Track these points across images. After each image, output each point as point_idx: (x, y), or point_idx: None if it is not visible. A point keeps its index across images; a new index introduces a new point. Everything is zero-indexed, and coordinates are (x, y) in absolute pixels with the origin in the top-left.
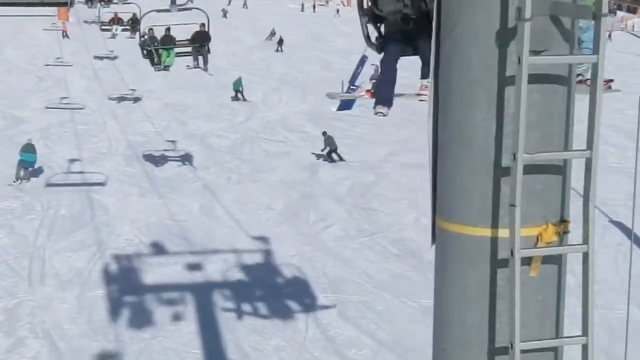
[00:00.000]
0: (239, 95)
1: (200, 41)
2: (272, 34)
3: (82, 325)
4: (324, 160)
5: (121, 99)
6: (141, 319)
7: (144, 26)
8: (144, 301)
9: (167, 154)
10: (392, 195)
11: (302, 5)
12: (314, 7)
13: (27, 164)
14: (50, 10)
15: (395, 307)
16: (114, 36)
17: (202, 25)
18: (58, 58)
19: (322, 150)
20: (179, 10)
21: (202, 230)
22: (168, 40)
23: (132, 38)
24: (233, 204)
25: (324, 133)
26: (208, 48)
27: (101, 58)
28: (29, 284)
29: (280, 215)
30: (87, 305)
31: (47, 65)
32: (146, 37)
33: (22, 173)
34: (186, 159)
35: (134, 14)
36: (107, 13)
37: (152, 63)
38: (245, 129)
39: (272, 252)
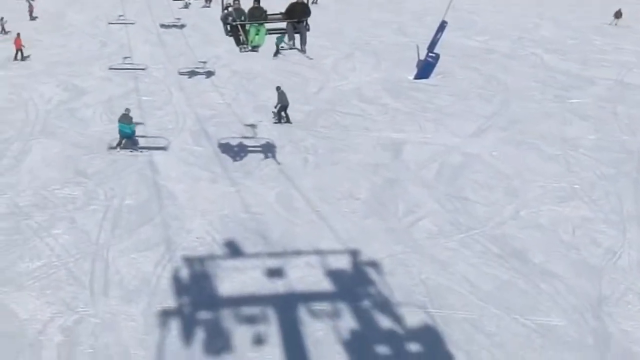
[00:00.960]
0: (279, 53)
1: (299, 16)
2: None
3: (151, 349)
4: (274, 119)
5: (192, 73)
6: (218, 342)
7: None
8: (221, 318)
9: (242, 140)
10: (485, 181)
11: None
12: None
13: (125, 135)
14: None
15: (506, 326)
16: (186, 5)
17: None
18: (121, 16)
19: (275, 107)
20: None
21: (280, 225)
22: (258, 14)
23: (207, 7)
24: (312, 191)
25: (278, 88)
26: (307, 24)
27: (167, 26)
28: (90, 295)
29: (365, 206)
30: (156, 322)
31: (110, 23)
32: (230, 9)
33: (122, 142)
34: (259, 137)
35: None
36: None
37: (237, 42)
38: (319, 100)
39: (360, 254)
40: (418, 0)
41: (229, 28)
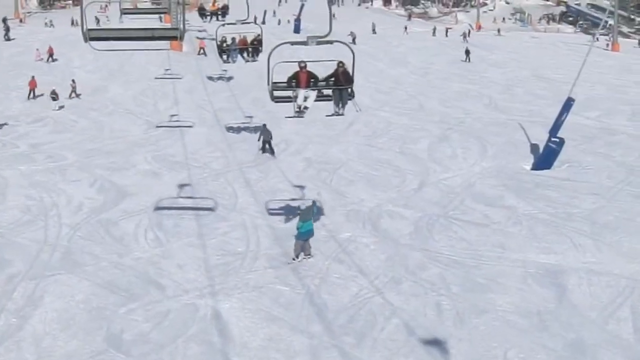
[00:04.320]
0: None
1: None
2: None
3: None
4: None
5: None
6: None
7: None
8: None
9: (342, 272)
10: None
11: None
12: (446, 31)
13: (306, 235)
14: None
15: None
16: (300, 111)
17: None
18: (167, 69)
19: (259, 140)
20: None
21: None
22: None
23: (338, 115)
24: None
25: (264, 125)
26: None
27: (237, 130)
28: None
29: None
30: None
31: (157, 78)
32: None
33: (300, 248)
34: (363, 267)
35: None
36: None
37: None
38: (424, 201)
39: None
40: (499, 70)
41: None
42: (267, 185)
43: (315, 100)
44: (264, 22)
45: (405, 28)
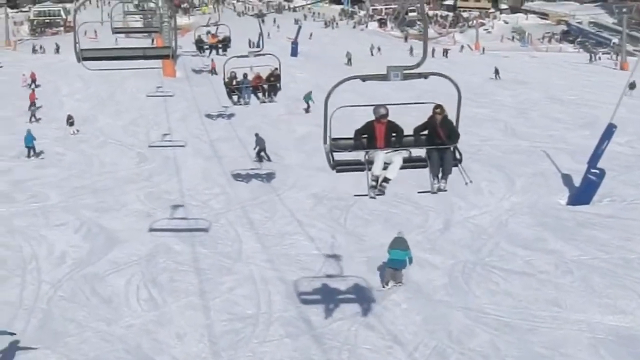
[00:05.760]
0: (310, 109)
1: None
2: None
3: None
4: (255, 160)
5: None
6: None
7: None
8: None
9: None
10: None
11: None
12: (445, 51)
13: (400, 264)
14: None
15: None
16: (378, 187)
17: None
18: (159, 87)
19: (254, 149)
20: None
21: None
22: None
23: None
24: None
25: (257, 134)
26: None
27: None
28: None
29: None
30: None
31: (148, 96)
32: None
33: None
34: (399, 338)
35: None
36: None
37: None
38: (453, 244)
39: None
40: (508, 92)
41: None
42: (274, 227)
43: (401, 168)
44: (258, 45)
45: (379, 49)
